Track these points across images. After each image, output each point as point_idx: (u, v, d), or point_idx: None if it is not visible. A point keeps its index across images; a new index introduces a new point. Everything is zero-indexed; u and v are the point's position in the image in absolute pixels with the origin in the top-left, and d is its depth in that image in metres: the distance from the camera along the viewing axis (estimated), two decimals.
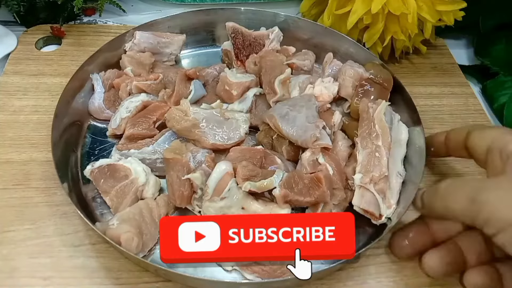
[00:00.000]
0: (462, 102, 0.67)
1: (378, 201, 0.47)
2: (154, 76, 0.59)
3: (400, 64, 0.72)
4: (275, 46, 0.63)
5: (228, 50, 0.65)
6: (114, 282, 0.46)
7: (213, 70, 0.62)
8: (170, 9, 0.78)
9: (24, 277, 0.45)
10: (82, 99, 0.58)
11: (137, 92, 0.57)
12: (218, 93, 0.59)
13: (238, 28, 0.64)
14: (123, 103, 0.56)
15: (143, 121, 0.55)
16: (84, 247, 0.48)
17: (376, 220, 0.48)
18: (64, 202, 0.50)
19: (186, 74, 0.58)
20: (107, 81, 0.59)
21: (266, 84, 0.57)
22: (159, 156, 0.52)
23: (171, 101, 0.57)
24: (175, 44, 0.64)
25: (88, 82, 0.59)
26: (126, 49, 0.62)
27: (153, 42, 0.63)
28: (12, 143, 0.56)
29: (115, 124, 0.55)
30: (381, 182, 0.48)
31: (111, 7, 0.74)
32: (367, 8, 0.60)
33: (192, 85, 0.58)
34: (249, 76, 0.59)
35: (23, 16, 0.70)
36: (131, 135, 0.54)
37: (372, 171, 0.48)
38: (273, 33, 0.64)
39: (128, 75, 0.59)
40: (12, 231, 0.48)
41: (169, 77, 0.61)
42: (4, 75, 0.63)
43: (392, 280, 0.48)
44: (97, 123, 0.58)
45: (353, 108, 0.56)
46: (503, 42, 0.71)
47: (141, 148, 0.52)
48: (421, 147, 0.52)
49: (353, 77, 0.57)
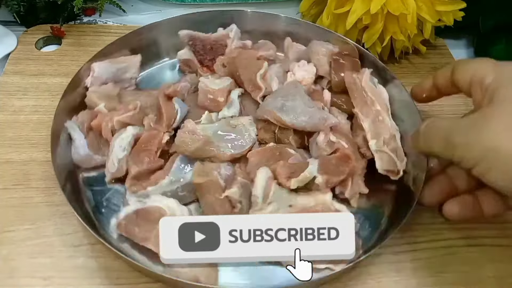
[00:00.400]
0: (462, 102, 0.66)
1: (394, 159, 0.52)
2: (133, 105, 0.54)
3: (400, 64, 0.72)
4: (238, 44, 0.62)
5: (189, 59, 0.63)
6: (114, 282, 0.46)
7: (186, 83, 0.58)
8: (170, 9, 0.78)
9: (24, 277, 0.45)
10: (63, 152, 0.52)
11: (121, 127, 0.53)
12: (201, 104, 0.56)
13: (194, 34, 0.62)
14: (113, 143, 0.51)
15: (145, 154, 0.51)
16: (84, 247, 0.48)
17: (395, 176, 0.52)
18: (64, 202, 0.49)
19: (166, 95, 0.55)
20: (83, 125, 0.53)
21: (248, 82, 0.57)
22: (178, 185, 0.49)
23: (163, 126, 0.53)
24: (133, 67, 0.60)
25: (62, 132, 0.52)
26: (88, 85, 0.57)
27: (113, 70, 0.58)
28: (12, 143, 0.56)
29: (113, 168, 0.50)
30: (392, 142, 0.53)
31: (111, 7, 0.74)
32: (366, 8, 0.60)
33: (176, 104, 0.54)
34: (227, 79, 0.58)
35: (23, 16, 0.70)
36: (138, 174, 0.50)
37: (382, 134, 0.52)
38: (233, 31, 0.62)
39: (103, 112, 0.54)
40: (12, 231, 0.48)
41: (142, 102, 0.56)
42: (4, 75, 0.63)
43: (392, 280, 0.48)
44: (87, 173, 0.53)
45: (335, 82, 0.58)
46: (503, 42, 0.71)
47: (158, 182, 0.49)
48: (406, 101, 0.56)
49: (326, 55, 0.59)
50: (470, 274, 0.49)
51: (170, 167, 0.50)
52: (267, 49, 0.61)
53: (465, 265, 0.49)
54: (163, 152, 0.52)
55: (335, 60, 0.59)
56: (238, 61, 0.58)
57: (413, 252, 0.50)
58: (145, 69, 0.64)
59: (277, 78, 0.58)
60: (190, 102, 0.58)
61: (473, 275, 0.49)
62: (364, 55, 0.61)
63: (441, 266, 0.49)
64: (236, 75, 0.58)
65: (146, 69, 0.65)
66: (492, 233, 0.52)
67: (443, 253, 0.50)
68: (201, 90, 0.57)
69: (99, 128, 0.53)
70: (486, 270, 0.49)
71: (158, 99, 0.55)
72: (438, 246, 0.50)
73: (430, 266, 0.49)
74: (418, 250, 0.50)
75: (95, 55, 0.58)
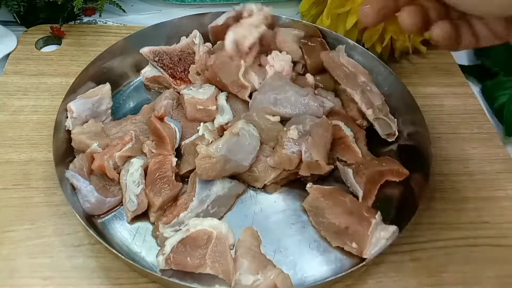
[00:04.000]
0: (462, 102, 0.66)
1: (390, 123, 0.56)
2: (129, 137, 0.52)
3: (400, 64, 0.72)
4: (204, 49, 0.61)
5: (158, 76, 0.61)
6: (114, 282, 0.46)
7: (167, 100, 0.57)
8: (170, 9, 0.78)
9: (24, 277, 0.45)
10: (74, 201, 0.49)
11: (124, 162, 0.51)
12: (191, 117, 0.56)
13: (157, 49, 0.60)
14: (125, 180, 0.49)
15: (163, 182, 0.49)
16: (83, 247, 0.48)
17: (392, 137, 0.57)
18: (64, 202, 0.49)
19: (159, 118, 0.53)
20: (82, 171, 0.50)
21: (232, 84, 0.57)
22: (208, 203, 0.49)
23: (168, 149, 0.51)
24: (106, 98, 0.57)
25: (64, 184, 0.49)
26: (70, 128, 0.53)
27: (89, 106, 0.55)
28: (12, 143, 0.56)
29: (133, 206, 0.48)
30: (384, 107, 0.57)
31: (111, 7, 0.74)
32: None
33: (171, 123, 0.53)
34: (209, 86, 0.58)
35: (23, 16, 0.70)
36: (163, 203, 0.49)
37: (374, 102, 0.56)
38: (197, 37, 0.61)
39: (98, 152, 0.51)
40: (12, 231, 0.48)
41: (133, 131, 0.54)
42: (4, 75, 0.63)
43: (392, 280, 0.48)
44: (100, 219, 0.50)
45: (311, 65, 0.61)
46: None
47: (188, 206, 0.48)
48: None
49: (295, 41, 0.62)
50: (470, 274, 0.49)
51: (193, 188, 0.50)
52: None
53: (465, 265, 0.49)
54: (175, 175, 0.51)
55: (304, 44, 0.62)
56: (216, 67, 0.57)
57: (413, 252, 0.50)
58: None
59: (256, 73, 0.58)
60: (180, 117, 0.56)
61: (473, 275, 0.49)
62: (324, 33, 0.63)
63: (441, 266, 0.49)
64: (216, 80, 0.58)
65: (112, 97, 0.59)
66: (492, 233, 0.52)
67: (443, 253, 0.50)
68: (188, 103, 0.55)
69: (102, 169, 0.50)
70: (486, 270, 0.49)
71: (151, 123, 0.53)
72: (438, 246, 0.50)
73: (430, 266, 0.49)
74: (418, 250, 0.50)
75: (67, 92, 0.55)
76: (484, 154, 0.60)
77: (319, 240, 0.49)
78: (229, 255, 0.45)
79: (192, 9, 0.78)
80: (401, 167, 0.52)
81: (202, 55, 0.60)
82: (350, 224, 0.47)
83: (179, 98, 0.58)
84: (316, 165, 0.49)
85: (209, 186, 0.50)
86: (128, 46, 0.61)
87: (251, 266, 0.44)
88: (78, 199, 0.49)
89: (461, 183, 0.57)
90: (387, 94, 0.58)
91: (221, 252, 0.45)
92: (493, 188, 0.56)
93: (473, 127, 0.63)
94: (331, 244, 0.49)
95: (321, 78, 0.61)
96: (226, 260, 0.45)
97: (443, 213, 0.53)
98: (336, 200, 0.49)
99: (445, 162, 0.58)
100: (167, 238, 0.46)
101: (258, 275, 0.43)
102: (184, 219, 0.48)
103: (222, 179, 0.51)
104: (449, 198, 0.55)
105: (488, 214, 0.54)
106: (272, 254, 0.48)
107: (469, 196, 0.55)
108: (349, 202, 0.49)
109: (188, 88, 0.57)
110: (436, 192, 0.55)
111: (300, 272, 0.47)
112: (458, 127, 0.63)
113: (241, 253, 0.45)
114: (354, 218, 0.47)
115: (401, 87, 0.58)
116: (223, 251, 0.45)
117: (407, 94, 0.57)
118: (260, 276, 0.43)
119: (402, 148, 0.57)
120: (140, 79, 0.63)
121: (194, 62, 0.61)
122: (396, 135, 0.57)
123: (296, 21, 0.63)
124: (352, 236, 0.47)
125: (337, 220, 0.47)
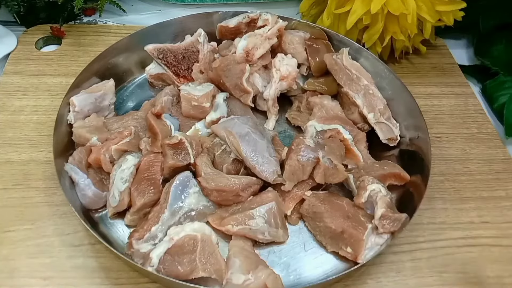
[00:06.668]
0: (462, 102, 0.67)
1: (391, 127, 0.55)
2: (128, 131, 0.52)
3: (400, 64, 0.72)
4: (209, 48, 0.61)
5: (161, 73, 0.61)
6: (114, 282, 0.46)
7: (168, 96, 0.56)
8: (170, 9, 0.78)
9: (24, 277, 0.45)
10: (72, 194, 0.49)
11: (119, 156, 0.51)
12: (186, 113, 0.56)
13: (162, 47, 0.60)
14: (114, 175, 0.49)
15: (149, 183, 0.49)
16: (83, 247, 0.48)
17: (394, 142, 0.56)
18: (64, 202, 0.49)
19: (156, 114, 0.54)
20: (81, 164, 0.50)
21: (235, 88, 0.57)
22: (180, 215, 0.48)
23: (158, 146, 0.51)
24: (109, 93, 0.57)
25: (62, 178, 0.48)
26: (71, 122, 0.54)
27: (91, 100, 0.55)
28: (12, 143, 0.56)
29: (114, 202, 0.48)
30: (386, 111, 0.56)
31: (111, 7, 0.74)
32: (367, 8, 0.60)
33: (167, 121, 0.54)
34: (208, 84, 0.58)
35: (23, 16, 0.70)
36: (144, 205, 0.48)
37: (376, 106, 0.56)
38: (201, 35, 0.61)
39: (97, 146, 0.51)
40: (12, 231, 0.48)
41: (133, 126, 0.54)
42: (4, 75, 0.63)
43: (392, 280, 0.48)
44: (100, 219, 0.50)
45: (314, 67, 0.60)
46: (503, 42, 0.71)
47: (159, 220, 0.47)
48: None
49: (300, 43, 0.61)
50: (470, 274, 0.49)
51: (165, 198, 0.48)
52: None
53: (465, 265, 0.49)
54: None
55: (309, 46, 0.61)
56: (220, 69, 0.57)
57: (413, 252, 0.50)
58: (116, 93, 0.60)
59: (261, 76, 0.58)
60: (178, 114, 0.56)
61: (473, 275, 0.49)
62: (330, 35, 0.63)
63: (441, 266, 0.49)
64: (220, 82, 0.58)
65: (116, 93, 0.60)
66: (492, 233, 0.52)
67: (443, 253, 0.50)
68: (184, 98, 0.55)
69: (98, 163, 0.50)
70: (486, 270, 0.49)
71: (146, 120, 0.53)
72: (438, 246, 0.50)
73: (430, 266, 0.49)
74: (418, 250, 0.50)
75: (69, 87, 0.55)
76: (484, 154, 0.60)
77: (314, 243, 0.49)
78: (218, 254, 0.45)
79: (192, 9, 0.78)
80: (402, 171, 0.52)
81: (206, 54, 0.60)
82: (346, 228, 0.47)
83: (179, 95, 0.58)
84: (333, 171, 0.49)
85: (182, 198, 0.48)
86: (133, 43, 0.62)
87: (243, 265, 0.44)
88: (76, 193, 0.49)
89: (461, 183, 0.57)
90: (390, 99, 0.58)
91: (210, 252, 0.45)
92: (493, 188, 0.56)
93: (473, 127, 0.63)
94: (326, 249, 0.49)
95: (324, 80, 0.60)
96: (217, 259, 0.45)
97: (443, 213, 0.53)
98: (333, 204, 0.49)
99: (445, 162, 0.58)
100: (145, 253, 0.45)
101: (249, 275, 0.43)
102: (156, 233, 0.46)
103: (199, 194, 0.49)
104: (449, 198, 0.55)
105: (488, 214, 0.54)
106: (266, 255, 0.48)
107: (469, 196, 0.55)
108: (346, 205, 0.49)
109: (187, 85, 0.58)
110: (436, 192, 0.55)
111: (294, 273, 0.47)
112: (458, 127, 0.63)
113: (234, 253, 0.45)
114: (350, 222, 0.47)
115: (406, 92, 0.57)
116: (212, 251, 0.45)
117: (411, 100, 0.56)
118: (251, 276, 0.43)
119: (403, 153, 0.56)
120: (144, 76, 0.64)
121: (198, 61, 0.61)
122: (398, 140, 0.56)
123: (304, 24, 0.63)
124: (347, 240, 0.46)
125: (333, 223, 0.47)
